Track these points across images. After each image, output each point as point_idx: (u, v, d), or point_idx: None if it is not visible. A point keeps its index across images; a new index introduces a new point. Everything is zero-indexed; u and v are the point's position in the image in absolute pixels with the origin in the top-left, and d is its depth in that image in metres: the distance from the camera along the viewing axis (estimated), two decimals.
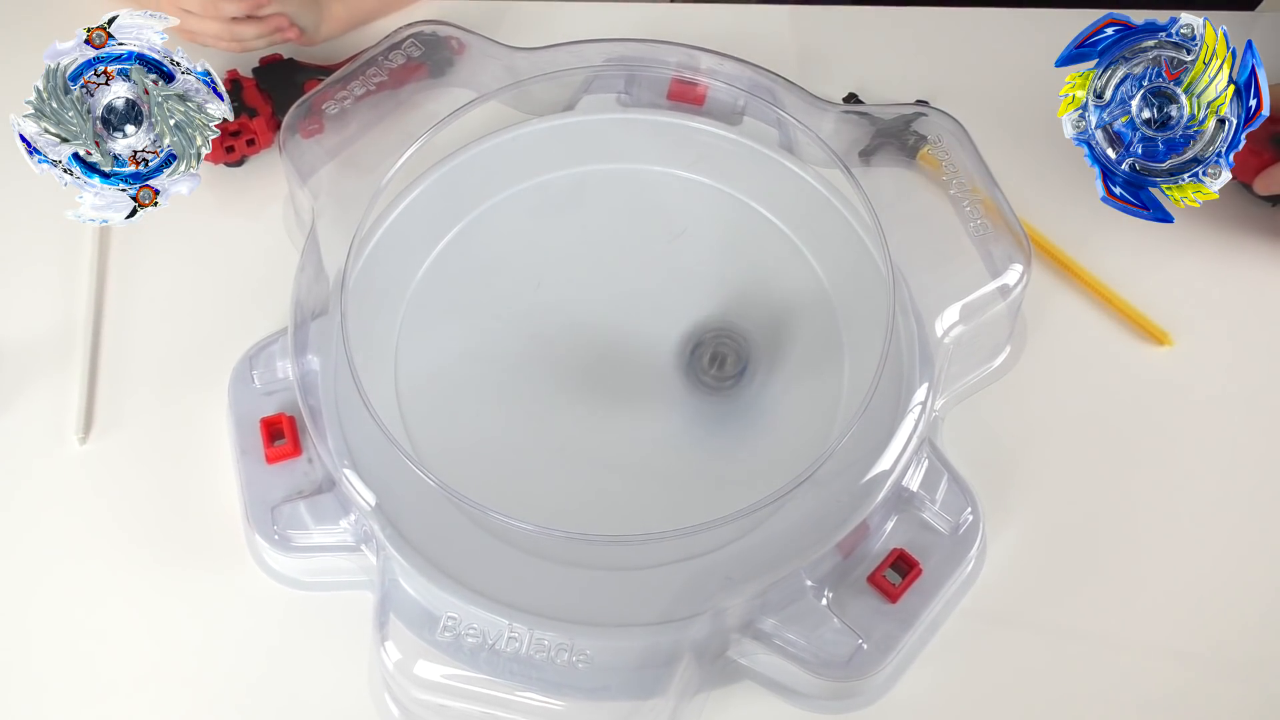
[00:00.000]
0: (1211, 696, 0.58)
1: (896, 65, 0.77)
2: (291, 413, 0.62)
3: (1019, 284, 0.61)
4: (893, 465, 0.57)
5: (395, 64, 0.67)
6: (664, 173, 0.68)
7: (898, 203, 0.63)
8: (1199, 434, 0.65)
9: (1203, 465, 0.64)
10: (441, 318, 0.64)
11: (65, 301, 0.69)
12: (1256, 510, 0.63)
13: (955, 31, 0.80)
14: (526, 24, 0.78)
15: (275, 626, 0.60)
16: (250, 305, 0.67)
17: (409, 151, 0.62)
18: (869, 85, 0.76)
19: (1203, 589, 0.60)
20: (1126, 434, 0.65)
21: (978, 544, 0.59)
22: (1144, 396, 0.66)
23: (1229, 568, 0.61)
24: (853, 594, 0.57)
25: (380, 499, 0.57)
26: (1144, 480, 0.63)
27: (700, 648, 0.55)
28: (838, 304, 0.64)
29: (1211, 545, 0.62)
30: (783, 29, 0.80)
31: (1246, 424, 0.65)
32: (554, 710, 0.53)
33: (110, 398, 0.66)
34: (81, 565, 0.61)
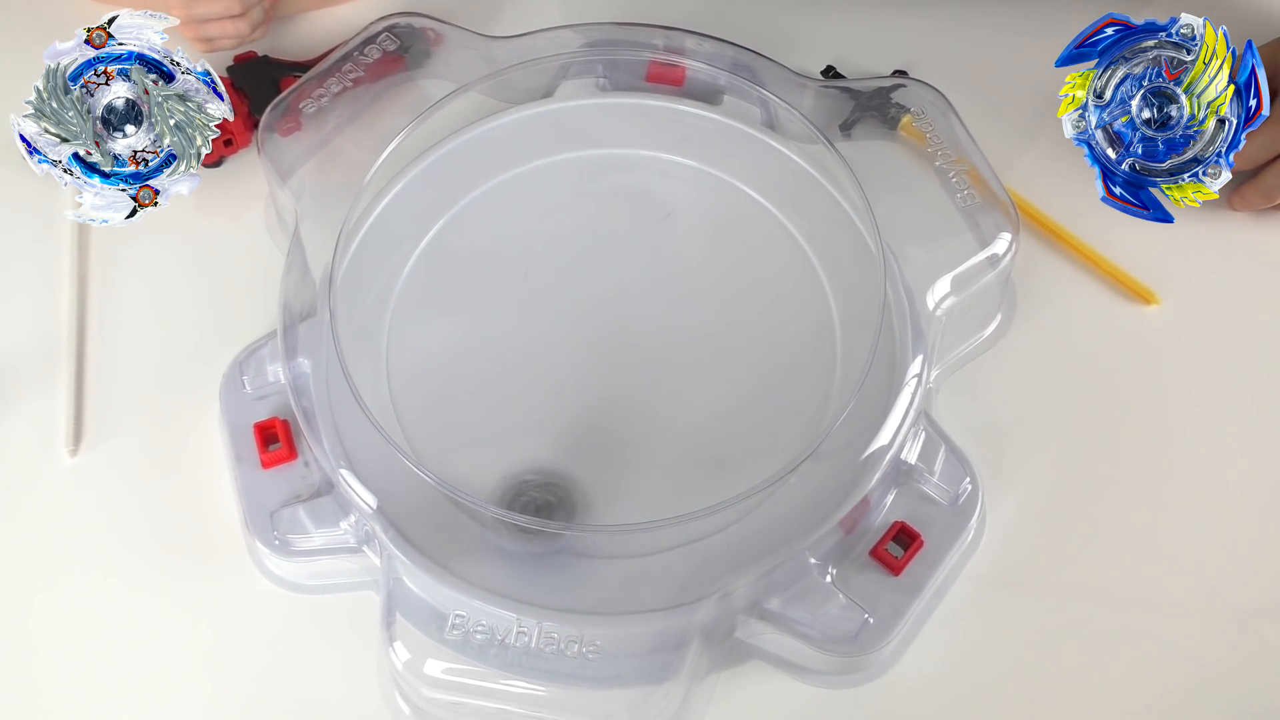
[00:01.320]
0: (1211, 646, 0.59)
1: (874, 35, 0.77)
2: (285, 416, 0.61)
3: (1008, 253, 0.61)
4: (891, 439, 0.57)
5: (372, 58, 0.66)
6: (648, 156, 0.68)
7: (884, 176, 0.63)
8: (1189, 390, 0.65)
9: (1194, 421, 0.64)
10: (431, 312, 0.64)
11: (45, 312, 0.68)
12: (1249, 463, 0.63)
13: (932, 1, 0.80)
14: (499, 9, 0.77)
15: (281, 632, 0.60)
16: (237, 309, 0.67)
17: (390, 147, 0.61)
18: (847, 57, 0.76)
19: (1199, 541, 0.61)
20: (1118, 394, 0.65)
21: (977, 513, 0.59)
22: (1134, 356, 0.66)
23: (1224, 519, 0.62)
24: (856, 569, 0.57)
25: (380, 499, 0.57)
26: (1137, 438, 0.64)
27: (708, 631, 0.55)
28: (828, 281, 0.64)
29: (1206, 497, 0.62)
30: (757, 3, 0.79)
31: (1235, 378, 0.65)
32: (568, 701, 0.54)
33: (99, 409, 0.65)
34: (78, 581, 0.61)
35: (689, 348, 0.63)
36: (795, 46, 0.75)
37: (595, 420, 0.61)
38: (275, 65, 0.71)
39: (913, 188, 0.64)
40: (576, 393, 0.62)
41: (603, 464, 0.60)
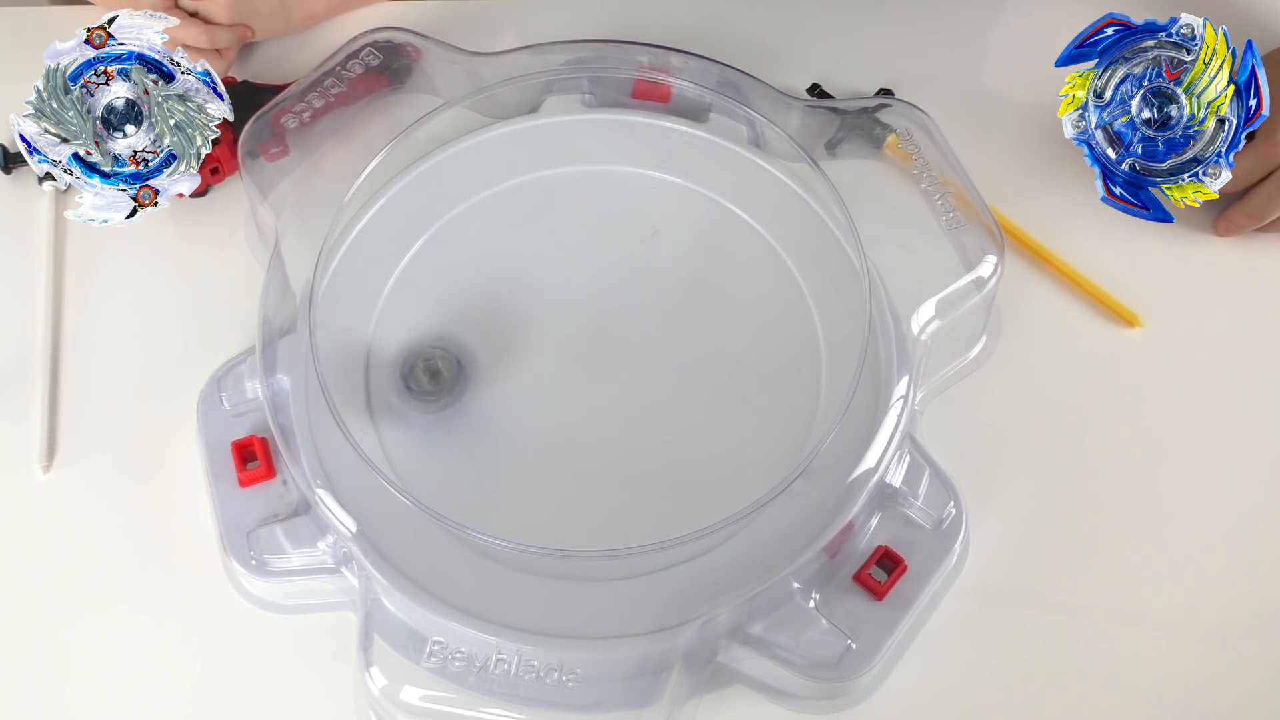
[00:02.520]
0: (1194, 662, 0.59)
1: (858, 53, 0.77)
2: (263, 434, 0.60)
3: (993, 275, 0.61)
4: (876, 463, 0.57)
5: (354, 73, 0.65)
6: (633, 172, 0.67)
7: (869, 196, 0.63)
8: (1172, 412, 0.65)
9: (1177, 443, 0.64)
10: (412, 329, 0.63)
11: (19, 327, 0.67)
12: (1232, 484, 0.63)
13: (916, 16, 0.80)
14: (487, 26, 0.77)
15: (257, 652, 0.59)
16: (215, 325, 0.66)
17: (373, 163, 0.61)
18: (832, 75, 0.75)
19: (1184, 562, 0.61)
20: (1101, 416, 0.65)
21: (961, 537, 0.59)
22: (1117, 378, 0.66)
23: (1206, 538, 0.62)
24: (839, 594, 0.57)
25: (359, 521, 0.56)
26: (1120, 459, 0.64)
27: (690, 655, 0.55)
28: (813, 301, 0.63)
29: (1188, 517, 0.62)
30: (742, 19, 0.79)
31: (1218, 400, 0.66)
32: None
33: (73, 425, 0.64)
34: (50, 600, 0.60)
35: (673, 367, 0.62)
36: (781, 64, 0.75)
37: (578, 440, 0.60)
38: (257, 90, 0.70)
39: (898, 208, 0.64)
40: (559, 412, 0.61)
41: (585, 485, 0.59)
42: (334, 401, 0.56)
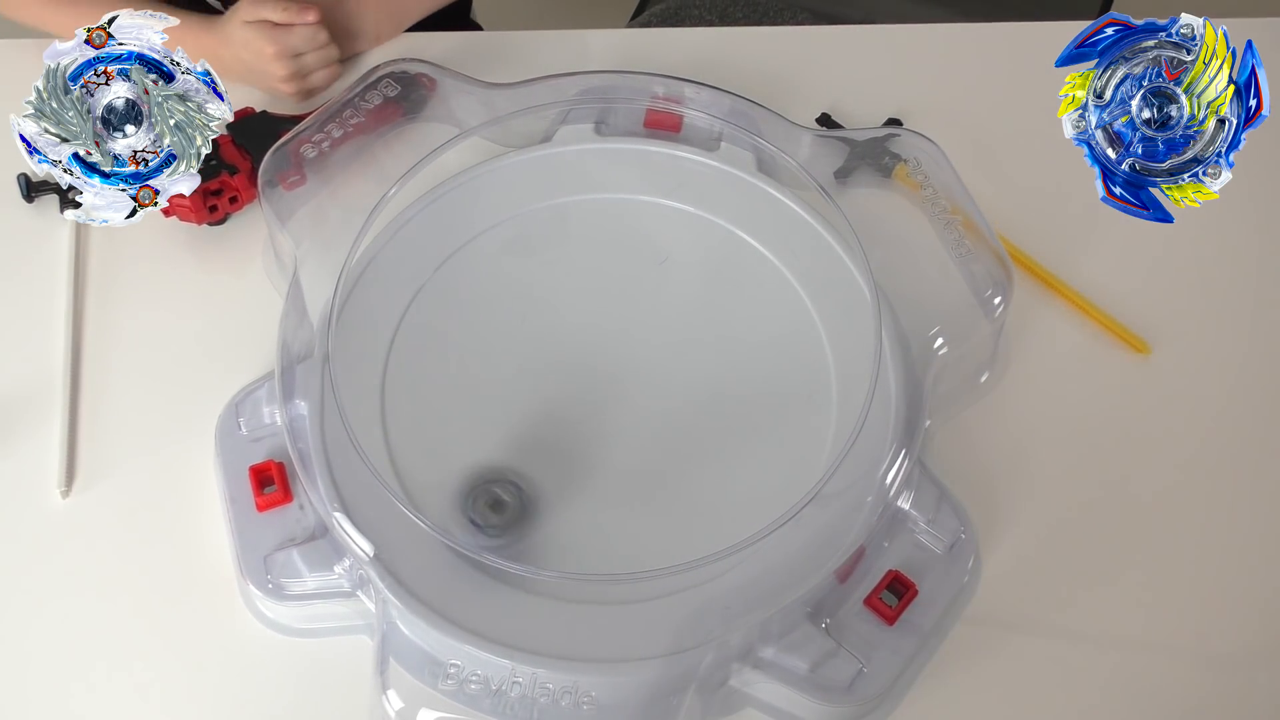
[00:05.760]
0: (1204, 688, 0.59)
1: (867, 83, 0.78)
2: (281, 459, 0.61)
3: (1002, 303, 0.62)
4: (887, 488, 0.58)
5: (372, 104, 0.66)
6: (645, 201, 0.68)
7: (879, 225, 0.64)
8: (1181, 439, 0.66)
9: (1187, 469, 0.65)
10: (427, 356, 0.64)
11: (40, 353, 0.68)
12: (1238, 509, 0.64)
13: (924, 48, 0.81)
14: (498, 55, 0.78)
15: (273, 676, 0.59)
16: (232, 352, 0.67)
17: (390, 191, 0.62)
18: (841, 104, 0.76)
19: (1192, 586, 0.61)
20: (1109, 442, 0.65)
21: (972, 561, 0.59)
22: (1126, 404, 0.67)
23: (1215, 564, 0.62)
24: (851, 618, 0.57)
25: (376, 545, 0.56)
26: (1130, 486, 0.64)
27: (703, 679, 0.55)
28: (824, 328, 0.64)
29: (1197, 542, 0.63)
30: (753, 50, 0.80)
31: (1227, 427, 0.66)
32: None
33: (92, 450, 0.65)
34: (69, 622, 0.60)
35: (684, 393, 0.63)
36: (791, 94, 0.76)
37: (592, 466, 0.61)
38: (276, 120, 0.71)
39: (908, 236, 0.65)
40: (574, 438, 0.62)
41: (598, 509, 0.60)
42: (351, 426, 0.57)
